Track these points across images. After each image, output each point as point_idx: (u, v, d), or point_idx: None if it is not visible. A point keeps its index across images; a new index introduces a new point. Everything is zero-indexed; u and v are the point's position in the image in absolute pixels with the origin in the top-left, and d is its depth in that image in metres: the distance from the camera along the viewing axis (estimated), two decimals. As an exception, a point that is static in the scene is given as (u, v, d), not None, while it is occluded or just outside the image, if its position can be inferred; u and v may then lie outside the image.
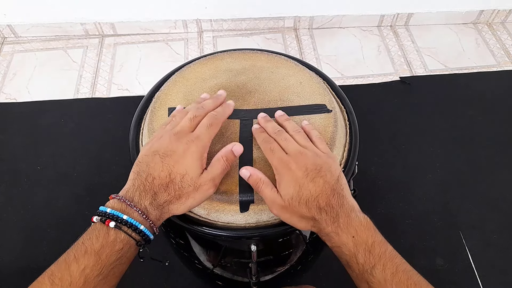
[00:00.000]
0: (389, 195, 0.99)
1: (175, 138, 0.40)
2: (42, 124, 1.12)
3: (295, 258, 0.64)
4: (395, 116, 1.15)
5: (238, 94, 0.53)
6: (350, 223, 0.39)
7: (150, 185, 0.38)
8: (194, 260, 0.63)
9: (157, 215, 0.39)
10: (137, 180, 0.39)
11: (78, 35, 1.36)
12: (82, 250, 0.35)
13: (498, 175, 1.03)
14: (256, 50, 0.60)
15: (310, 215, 0.39)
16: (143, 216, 0.37)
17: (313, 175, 0.39)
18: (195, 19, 1.35)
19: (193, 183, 0.39)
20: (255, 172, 0.42)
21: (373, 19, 1.39)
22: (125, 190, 0.39)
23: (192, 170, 0.39)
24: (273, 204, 0.41)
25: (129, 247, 0.37)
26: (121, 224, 0.36)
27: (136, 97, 1.19)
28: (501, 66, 1.29)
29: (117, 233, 0.36)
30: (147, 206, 0.38)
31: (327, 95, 0.53)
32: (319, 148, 0.44)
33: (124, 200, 0.37)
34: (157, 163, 0.39)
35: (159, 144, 0.41)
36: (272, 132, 0.45)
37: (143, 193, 0.38)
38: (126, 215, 0.36)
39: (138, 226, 0.37)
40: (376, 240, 0.38)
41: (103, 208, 0.37)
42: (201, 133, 0.41)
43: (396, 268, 0.37)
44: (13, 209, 0.96)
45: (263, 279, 0.66)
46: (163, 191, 0.38)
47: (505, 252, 0.91)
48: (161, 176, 0.38)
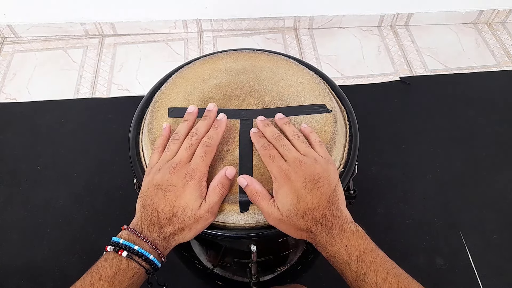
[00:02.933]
0: (389, 195, 0.99)
1: (173, 172, 0.42)
2: (42, 124, 1.12)
3: (295, 258, 0.64)
4: (395, 116, 1.15)
5: (238, 94, 0.53)
6: (343, 234, 0.40)
7: (156, 219, 0.41)
8: (194, 260, 0.63)
9: (164, 246, 0.42)
10: (143, 213, 0.42)
11: (78, 35, 1.36)
12: (97, 276, 0.38)
13: (498, 175, 1.03)
14: (256, 50, 0.60)
15: (306, 227, 0.40)
16: (152, 247, 0.40)
17: (311, 186, 0.40)
18: (195, 19, 1.35)
19: (194, 216, 0.41)
20: (252, 183, 0.43)
21: (373, 19, 1.39)
22: (135, 222, 0.42)
23: (191, 203, 0.41)
24: (269, 217, 0.42)
25: (139, 274, 0.40)
26: (133, 254, 0.39)
27: (136, 97, 1.19)
28: (501, 66, 1.29)
29: (129, 262, 0.39)
30: (155, 238, 0.41)
31: (327, 95, 0.53)
32: (318, 152, 0.44)
33: (134, 232, 0.40)
34: (160, 198, 0.41)
35: (159, 178, 0.43)
36: (271, 137, 0.46)
37: (151, 226, 0.41)
38: (137, 245, 0.39)
39: (148, 256, 0.40)
40: (367, 248, 0.40)
41: (116, 238, 0.40)
42: (198, 165, 0.43)
43: (387, 272, 0.38)
44: (13, 209, 0.96)
45: (263, 279, 0.66)
46: (168, 224, 0.41)
47: (505, 252, 0.91)
48: (165, 210, 0.41)
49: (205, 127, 0.46)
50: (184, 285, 0.86)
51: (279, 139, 0.45)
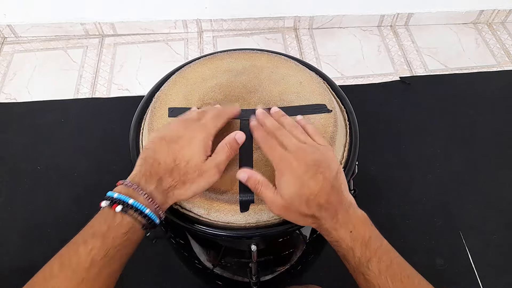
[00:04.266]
0: (389, 195, 0.99)
1: (182, 124, 0.42)
2: (42, 124, 1.12)
3: (295, 258, 0.64)
4: (395, 116, 1.15)
5: (238, 94, 0.53)
6: (348, 219, 0.39)
7: (156, 170, 0.39)
8: (194, 260, 0.63)
9: (162, 200, 0.40)
10: (143, 166, 0.40)
11: (78, 35, 1.36)
12: (90, 233, 0.36)
13: (498, 175, 1.03)
14: (256, 50, 0.60)
15: (310, 212, 0.40)
16: (149, 200, 0.38)
17: (313, 172, 0.40)
18: (195, 19, 1.35)
19: (198, 169, 0.40)
20: (253, 174, 0.42)
21: (373, 19, 1.39)
22: (132, 176, 0.40)
23: (197, 156, 0.40)
24: (273, 205, 0.41)
25: (134, 230, 0.38)
26: (127, 208, 0.37)
27: (136, 97, 1.19)
28: (501, 66, 1.29)
29: (123, 217, 0.37)
30: (152, 191, 0.39)
31: (327, 95, 0.53)
32: (317, 141, 0.44)
33: (130, 185, 0.38)
34: (163, 148, 0.40)
35: (166, 130, 0.42)
36: (270, 128, 0.45)
37: (149, 178, 0.39)
38: (132, 199, 0.37)
39: (144, 210, 0.38)
40: (372, 235, 0.39)
41: (111, 193, 0.38)
42: (207, 122, 0.43)
43: (390, 261, 0.38)
44: (13, 209, 0.96)
45: (263, 279, 0.67)
46: (168, 176, 0.39)
47: (505, 252, 0.91)
48: (167, 161, 0.39)
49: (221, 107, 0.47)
50: (184, 285, 0.86)
51: (279, 129, 0.44)
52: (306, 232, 0.56)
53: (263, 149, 0.44)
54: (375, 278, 0.38)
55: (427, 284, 0.38)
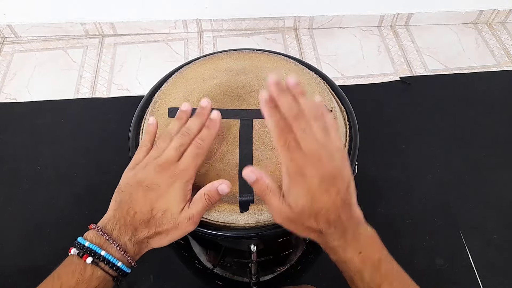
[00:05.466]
0: (389, 195, 0.99)
1: (160, 170, 0.39)
2: (42, 124, 1.12)
3: (295, 258, 0.64)
4: (395, 116, 1.15)
5: (238, 94, 0.53)
6: (357, 238, 0.37)
7: (131, 219, 0.37)
8: (194, 260, 0.63)
9: (135, 250, 0.38)
10: (118, 211, 0.38)
11: (78, 35, 1.36)
12: (57, 285, 0.35)
13: (498, 175, 1.03)
14: (256, 50, 0.60)
15: (317, 228, 0.37)
16: (122, 252, 0.37)
17: (327, 185, 0.36)
18: (195, 19, 1.35)
19: (173, 220, 0.38)
20: (262, 177, 0.38)
21: (373, 19, 1.39)
22: (105, 221, 0.38)
23: (173, 206, 0.38)
24: (278, 214, 0.38)
25: (105, 282, 0.36)
26: (98, 260, 0.36)
27: (136, 97, 1.19)
28: (501, 66, 1.29)
29: (93, 270, 0.35)
30: (126, 242, 0.37)
31: (327, 95, 0.53)
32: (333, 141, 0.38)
33: (103, 233, 0.37)
34: (140, 196, 0.38)
35: (144, 174, 0.39)
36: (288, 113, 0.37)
37: (123, 228, 0.37)
38: (104, 250, 0.36)
39: (116, 263, 0.36)
40: (382, 257, 0.37)
41: (82, 240, 0.37)
42: (186, 165, 0.40)
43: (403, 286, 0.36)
44: (13, 209, 0.96)
45: (263, 279, 0.66)
46: (144, 227, 0.38)
47: (505, 252, 0.91)
48: (143, 211, 0.38)
49: (197, 126, 0.42)
50: (184, 285, 0.86)
51: (298, 119, 0.37)
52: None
53: (276, 143, 0.37)
54: None
55: None
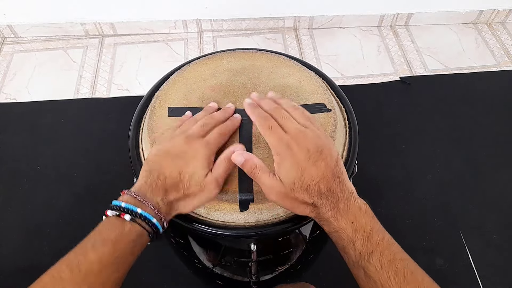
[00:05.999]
0: (389, 195, 0.99)
1: (187, 141, 0.43)
2: (42, 124, 1.12)
3: (295, 258, 0.64)
4: (395, 116, 1.15)
5: (237, 93, 0.53)
6: (349, 209, 0.38)
7: (162, 183, 0.40)
8: (194, 260, 0.63)
9: (167, 210, 0.41)
10: (149, 178, 0.41)
11: (78, 35, 1.36)
12: (99, 239, 0.37)
13: (498, 175, 1.03)
14: (256, 50, 0.60)
15: (310, 200, 0.39)
16: (155, 211, 0.39)
17: (315, 158, 0.39)
18: (195, 19, 1.35)
19: (200, 183, 0.41)
20: (250, 157, 0.41)
21: (373, 19, 1.39)
22: (138, 187, 0.41)
23: (199, 171, 0.41)
24: (271, 191, 0.40)
25: (141, 237, 0.39)
26: (136, 217, 0.38)
27: (136, 97, 1.19)
28: (501, 66, 1.29)
29: (132, 225, 0.38)
30: (158, 202, 0.40)
31: (327, 95, 0.53)
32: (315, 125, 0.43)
33: (137, 196, 0.39)
34: (169, 163, 0.41)
35: (171, 144, 0.43)
36: (268, 108, 0.44)
37: (155, 190, 0.40)
38: (140, 208, 0.38)
39: (151, 219, 0.39)
40: (374, 227, 0.38)
41: (117, 202, 0.39)
42: (211, 140, 0.43)
43: (393, 256, 0.37)
44: (13, 209, 0.96)
45: (263, 279, 0.66)
46: (173, 189, 0.41)
47: (505, 252, 0.91)
48: (172, 175, 0.40)
49: (222, 116, 0.47)
50: (184, 284, 0.86)
51: (278, 109, 0.43)
52: (306, 231, 0.56)
53: (261, 130, 0.43)
54: (376, 273, 0.36)
55: (431, 281, 0.37)
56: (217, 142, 0.44)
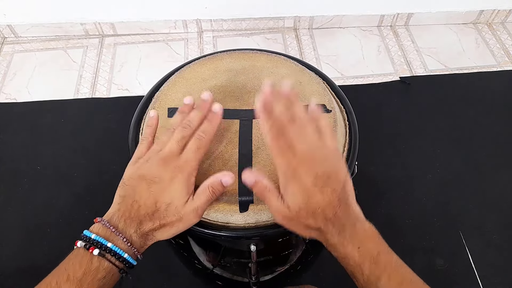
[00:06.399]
0: (389, 195, 0.99)
1: (162, 163, 0.40)
2: (42, 124, 1.12)
3: (294, 258, 0.64)
4: (395, 116, 1.15)
5: (237, 94, 0.53)
6: (355, 234, 0.38)
7: (136, 212, 0.38)
8: (194, 260, 0.63)
9: (141, 243, 0.39)
10: (122, 205, 0.39)
11: (78, 35, 1.36)
12: (64, 277, 0.35)
13: (498, 175, 1.03)
14: (256, 50, 0.60)
15: (316, 226, 0.38)
16: (128, 244, 0.37)
17: (322, 184, 0.37)
18: (195, 19, 1.35)
19: (177, 213, 0.39)
20: (260, 179, 0.39)
21: (373, 19, 1.39)
22: (110, 215, 0.39)
23: (177, 199, 0.39)
24: (278, 214, 0.39)
25: (112, 274, 0.37)
26: (105, 252, 0.36)
27: (136, 97, 1.19)
28: (501, 66, 1.29)
29: (100, 261, 0.36)
30: (132, 234, 0.38)
31: (327, 95, 0.53)
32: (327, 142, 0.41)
33: (109, 226, 0.37)
34: (144, 189, 0.39)
35: (146, 168, 0.40)
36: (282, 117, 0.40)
37: (128, 221, 0.38)
38: (110, 242, 0.37)
39: (122, 254, 0.37)
40: (381, 250, 0.38)
41: (88, 233, 0.37)
42: (188, 158, 0.40)
43: (401, 279, 0.36)
44: (13, 209, 0.97)
45: (263, 279, 0.66)
46: (148, 220, 0.38)
47: (505, 252, 0.91)
48: (147, 204, 0.38)
49: (198, 118, 0.43)
50: (184, 285, 0.86)
51: (292, 123, 0.40)
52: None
53: (270, 146, 0.40)
54: None
55: None
56: (196, 158, 0.40)
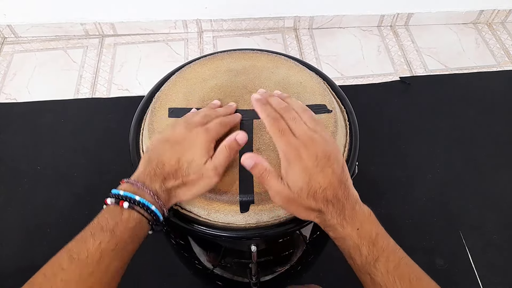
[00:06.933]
0: (389, 195, 0.99)
1: (187, 128, 0.43)
2: (42, 124, 1.12)
3: (295, 259, 0.64)
4: (395, 116, 1.15)
5: (238, 94, 0.53)
6: (355, 215, 0.39)
7: (161, 170, 0.40)
8: (194, 261, 0.63)
9: (166, 198, 0.41)
10: (148, 166, 0.41)
11: (78, 35, 1.36)
12: (98, 227, 0.37)
13: (498, 175, 1.03)
14: (256, 50, 0.60)
15: (316, 207, 0.39)
16: (154, 198, 0.39)
17: (323, 164, 0.38)
18: (195, 19, 1.35)
19: (198, 171, 0.40)
20: (260, 161, 0.40)
21: (373, 19, 1.39)
22: (136, 175, 0.41)
23: (198, 158, 0.41)
24: (278, 195, 0.40)
25: (141, 225, 0.39)
26: (134, 205, 0.38)
27: (136, 97, 1.19)
28: (501, 66, 1.29)
29: (130, 213, 0.38)
30: (157, 189, 0.40)
31: (327, 95, 0.53)
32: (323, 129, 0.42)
33: (136, 183, 0.39)
34: (167, 150, 0.41)
35: (171, 132, 0.43)
36: (278, 107, 0.43)
37: (154, 177, 0.40)
38: (138, 196, 0.38)
39: (150, 206, 0.39)
40: (379, 233, 0.38)
41: (116, 191, 0.39)
42: (211, 127, 0.43)
43: (399, 261, 0.37)
44: (13, 209, 0.96)
45: (263, 280, 0.66)
46: (172, 177, 0.40)
47: (505, 252, 0.91)
48: (171, 162, 0.40)
49: (224, 111, 0.47)
50: (184, 285, 0.86)
51: (288, 110, 0.42)
52: (306, 232, 0.56)
53: (270, 131, 0.41)
54: (382, 279, 0.36)
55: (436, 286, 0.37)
56: (217, 130, 0.43)
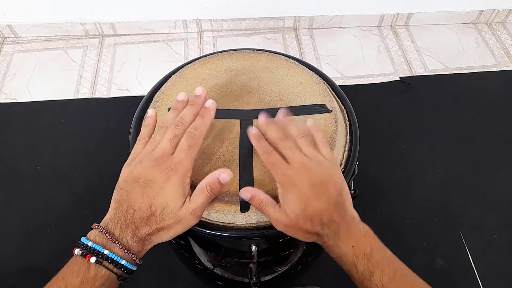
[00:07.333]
0: (389, 195, 0.99)
1: (155, 165, 0.39)
2: (42, 124, 1.12)
3: (295, 258, 0.64)
4: (395, 116, 1.15)
5: (238, 94, 0.53)
6: (350, 234, 0.40)
7: (131, 218, 0.38)
8: (195, 261, 0.63)
9: (139, 248, 0.39)
10: (118, 210, 0.38)
11: (78, 35, 1.36)
12: (62, 286, 0.35)
13: (498, 175, 1.03)
14: (256, 50, 0.60)
15: (314, 231, 0.40)
16: (125, 251, 0.37)
17: (318, 191, 0.39)
18: (195, 19, 1.35)
19: (174, 216, 0.38)
20: (256, 193, 0.41)
21: (373, 19, 1.39)
22: (107, 221, 0.38)
23: (172, 201, 0.38)
24: (277, 222, 0.41)
25: (110, 281, 0.37)
26: (102, 259, 0.36)
27: (136, 97, 1.19)
28: (501, 66, 1.29)
29: (97, 269, 0.36)
30: (128, 240, 0.38)
31: (327, 95, 0.53)
32: (323, 153, 0.43)
33: (105, 232, 0.37)
34: (138, 193, 0.38)
35: (139, 170, 0.39)
36: (273, 138, 0.43)
37: (124, 226, 0.37)
38: (107, 249, 0.36)
39: (120, 261, 0.37)
40: (374, 247, 0.39)
41: (85, 240, 0.37)
42: (181, 158, 0.39)
43: (394, 273, 0.38)
44: (13, 209, 0.96)
45: (263, 279, 0.67)
46: (144, 224, 0.38)
47: (505, 252, 0.91)
48: (142, 208, 0.37)
49: (191, 115, 0.42)
50: (184, 285, 0.86)
51: (282, 140, 0.42)
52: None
53: (265, 164, 0.42)
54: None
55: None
56: (189, 157, 0.40)
